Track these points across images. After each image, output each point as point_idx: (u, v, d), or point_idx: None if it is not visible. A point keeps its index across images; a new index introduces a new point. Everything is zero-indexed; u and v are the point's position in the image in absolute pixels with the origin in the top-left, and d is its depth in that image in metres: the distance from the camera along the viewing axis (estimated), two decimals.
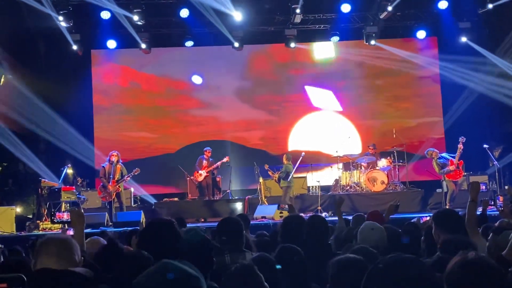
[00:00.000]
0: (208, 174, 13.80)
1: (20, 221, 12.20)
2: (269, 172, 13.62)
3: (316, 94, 16.27)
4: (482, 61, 14.92)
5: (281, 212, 11.74)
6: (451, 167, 12.48)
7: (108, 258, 3.66)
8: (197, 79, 16.10)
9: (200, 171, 13.79)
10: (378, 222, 5.56)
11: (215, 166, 13.85)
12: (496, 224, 4.55)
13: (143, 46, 14.87)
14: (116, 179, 12.25)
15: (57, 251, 2.61)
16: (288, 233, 4.70)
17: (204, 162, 13.83)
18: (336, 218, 6.62)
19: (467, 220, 4.07)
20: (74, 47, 14.49)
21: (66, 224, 10.12)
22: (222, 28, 14.40)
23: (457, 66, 15.21)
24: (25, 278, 1.81)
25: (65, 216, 10.42)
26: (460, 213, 4.20)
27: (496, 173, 13.36)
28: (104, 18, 14.07)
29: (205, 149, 14.01)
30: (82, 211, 4.32)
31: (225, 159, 13.93)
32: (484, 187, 13.11)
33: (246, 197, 13.67)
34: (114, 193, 12.31)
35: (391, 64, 16.14)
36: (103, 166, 12.55)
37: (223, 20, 14.43)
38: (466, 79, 15.07)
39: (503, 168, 13.92)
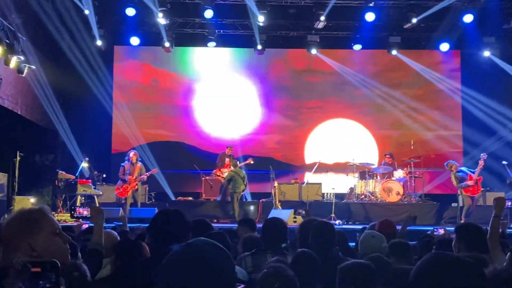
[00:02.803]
0: None
1: None
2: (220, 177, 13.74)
3: None
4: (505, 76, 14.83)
5: (295, 217, 11.66)
6: (470, 182, 12.34)
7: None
8: (217, 79, 16.15)
9: (222, 169, 13.75)
10: (389, 232, 5.52)
11: (240, 165, 13.75)
12: None
13: (167, 44, 14.90)
14: (135, 177, 12.30)
15: None
16: (304, 238, 4.70)
17: (227, 160, 13.75)
18: (349, 226, 6.59)
19: (489, 235, 4.02)
20: (99, 42, 14.49)
21: (81, 219, 10.18)
22: (255, 27, 14.36)
23: (479, 80, 15.10)
24: (59, 264, 1.80)
25: (85, 212, 10.52)
26: None
27: None
28: (129, 15, 14.12)
29: (227, 145, 14.00)
30: (100, 206, 4.34)
31: (248, 161, 13.87)
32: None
33: (260, 200, 13.63)
34: (131, 190, 12.32)
35: (411, 75, 16.07)
36: (122, 165, 12.51)
37: (248, 23, 14.49)
38: (488, 94, 14.96)
39: None
